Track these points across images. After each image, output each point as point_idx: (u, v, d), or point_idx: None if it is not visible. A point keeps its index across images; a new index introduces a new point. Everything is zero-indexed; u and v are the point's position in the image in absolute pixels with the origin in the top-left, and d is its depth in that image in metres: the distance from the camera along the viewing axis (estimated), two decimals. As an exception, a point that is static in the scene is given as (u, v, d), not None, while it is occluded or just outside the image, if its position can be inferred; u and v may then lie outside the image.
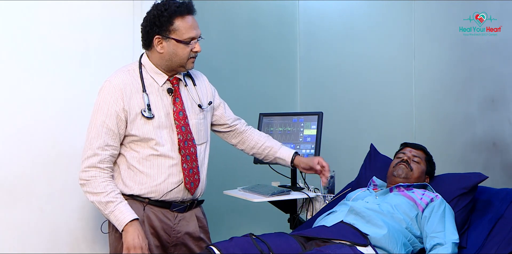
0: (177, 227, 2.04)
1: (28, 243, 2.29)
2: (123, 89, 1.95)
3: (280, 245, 1.88)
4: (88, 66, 2.45)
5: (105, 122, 1.92)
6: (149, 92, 1.99)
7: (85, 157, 1.93)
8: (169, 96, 2.02)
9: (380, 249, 1.96)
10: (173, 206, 2.02)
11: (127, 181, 1.99)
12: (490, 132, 2.63)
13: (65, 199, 2.38)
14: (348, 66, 3.53)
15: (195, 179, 2.04)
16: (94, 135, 1.93)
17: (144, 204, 2.00)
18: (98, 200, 1.92)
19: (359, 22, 3.48)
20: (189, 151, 2.02)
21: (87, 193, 1.94)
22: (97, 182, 1.92)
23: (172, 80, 2.03)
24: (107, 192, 1.91)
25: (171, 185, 1.99)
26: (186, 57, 1.97)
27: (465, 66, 2.81)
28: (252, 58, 3.58)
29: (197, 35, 1.97)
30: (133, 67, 2.03)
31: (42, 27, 2.34)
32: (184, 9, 1.93)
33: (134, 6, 2.56)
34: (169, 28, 1.93)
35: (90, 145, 1.93)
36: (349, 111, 3.49)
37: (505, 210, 2.14)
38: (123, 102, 1.93)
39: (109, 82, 1.97)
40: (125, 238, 1.90)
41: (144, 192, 1.98)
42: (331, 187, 2.72)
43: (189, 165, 2.02)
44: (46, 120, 2.34)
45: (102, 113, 1.93)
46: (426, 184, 2.34)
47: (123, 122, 1.94)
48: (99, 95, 1.97)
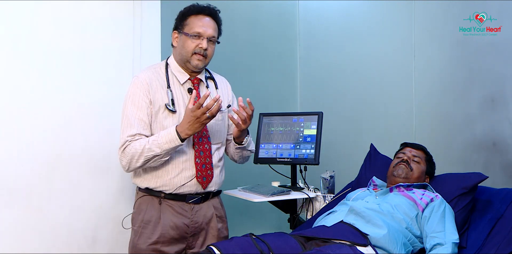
0: (194, 218, 2.11)
1: (27, 243, 2.29)
2: (150, 83, 2.07)
3: (280, 245, 1.88)
4: (88, 66, 2.46)
5: (136, 112, 2.04)
6: (172, 89, 2.11)
7: (119, 146, 2.04)
8: (189, 95, 2.12)
9: (380, 249, 1.96)
10: (188, 198, 2.10)
11: (144, 174, 2.10)
12: (490, 132, 2.63)
13: (65, 199, 2.38)
14: (348, 66, 3.53)
15: (207, 174, 2.11)
16: (126, 125, 2.04)
17: (159, 199, 2.08)
18: (148, 147, 1.97)
19: (359, 22, 3.48)
20: (203, 147, 2.11)
21: (140, 161, 1.99)
22: (134, 146, 2.00)
23: (193, 80, 2.15)
24: (145, 141, 1.99)
25: (184, 179, 2.08)
26: (190, 51, 2.07)
27: (465, 66, 2.80)
28: (252, 58, 3.58)
29: (205, 33, 2.07)
30: (160, 65, 2.17)
31: (42, 27, 2.34)
32: (201, 10, 2.09)
33: (134, 6, 2.57)
34: (183, 23, 2.10)
35: (123, 135, 2.04)
36: (349, 111, 3.49)
37: (505, 210, 2.14)
38: (150, 95, 2.06)
39: (136, 77, 2.10)
40: (183, 125, 1.97)
41: (159, 185, 2.08)
42: (331, 187, 2.73)
43: (202, 160, 2.10)
44: (46, 120, 2.35)
45: (132, 104, 2.05)
46: (426, 184, 2.34)
47: (150, 113, 2.06)
48: (129, 89, 2.09)
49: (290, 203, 2.73)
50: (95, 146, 2.46)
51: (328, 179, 2.72)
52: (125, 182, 2.54)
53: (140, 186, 2.13)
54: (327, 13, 3.73)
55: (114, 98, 2.51)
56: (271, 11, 3.75)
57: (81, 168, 2.43)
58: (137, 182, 2.14)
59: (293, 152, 2.77)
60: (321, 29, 3.75)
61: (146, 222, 2.08)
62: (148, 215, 2.08)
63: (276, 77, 3.76)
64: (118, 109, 2.51)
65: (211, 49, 2.11)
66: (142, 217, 2.09)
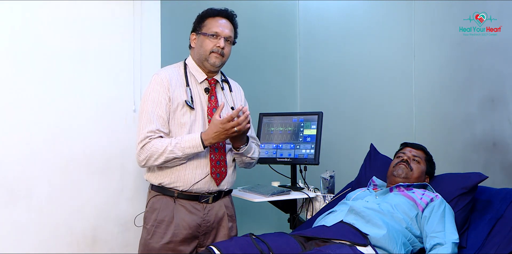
0: (206, 217, 2.13)
1: (27, 243, 2.29)
2: (169, 81, 2.12)
3: (280, 245, 1.88)
4: (88, 66, 2.45)
5: (155, 109, 2.07)
6: (191, 88, 2.16)
7: (138, 142, 2.06)
8: (205, 94, 2.18)
9: (380, 249, 1.96)
10: (200, 197, 2.13)
11: (158, 170, 2.12)
12: (490, 132, 2.63)
13: (64, 199, 2.38)
14: (348, 66, 3.53)
15: (221, 171, 2.14)
16: (145, 121, 2.06)
17: (173, 198, 2.10)
18: (171, 149, 2.01)
19: (359, 22, 3.48)
20: (218, 144, 2.14)
21: (159, 160, 2.03)
22: (155, 145, 2.02)
23: (210, 81, 2.21)
24: (168, 142, 2.03)
25: (198, 176, 2.10)
26: (209, 50, 2.14)
27: (465, 66, 2.80)
28: (252, 58, 3.58)
29: (222, 33, 2.14)
30: (179, 65, 2.23)
31: (41, 27, 2.34)
32: (219, 13, 2.18)
33: (134, 6, 2.56)
34: (201, 25, 2.18)
35: (141, 130, 2.06)
36: (349, 111, 3.49)
37: (505, 210, 2.14)
38: (169, 92, 2.10)
39: (157, 75, 2.14)
40: (209, 133, 2.03)
41: (172, 181, 2.10)
42: (331, 186, 2.73)
43: (216, 157, 2.14)
44: (44, 120, 2.34)
45: (152, 101, 2.08)
46: (426, 184, 2.34)
47: (169, 110, 2.09)
48: (148, 86, 2.13)
49: (290, 203, 2.73)
50: (94, 146, 2.46)
51: (328, 179, 2.72)
52: (125, 182, 2.54)
53: (153, 183, 2.15)
54: (327, 13, 3.73)
55: (114, 98, 2.51)
56: (271, 11, 3.76)
57: (81, 168, 2.43)
58: (150, 179, 2.16)
59: (293, 152, 2.77)
60: (321, 29, 3.75)
61: (159, 221, 2.10)
62: (162, 215, 2.10)
63: (276, 77, 3.77)
64: (118, 109, 2.53)
65: (228, 49, 2.18)
66: (155, 216, 2.11)
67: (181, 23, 2.76)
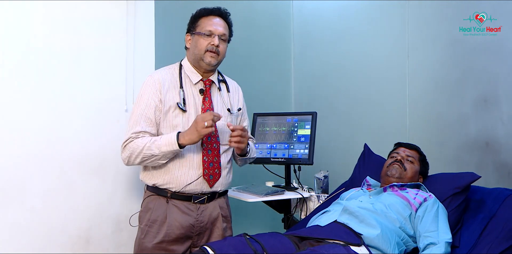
0: (200, 218, 2.13)
1: (21, 244, 2.28)
2: (162, 83, 2.12)
3: (274, 245, 1.88)
4: (81, 66, 2.45)
5: (144, 111, 2.08)
6: (184, 90, 2.16)
7: (123, 141, 2.09)
8: (200, 96, 2.17)
9: (373, 248, 1.96)
10: (194, 198, 2.13)
11: (152, 170, 2.13)
12: (483, 132, 2.64)
13: (58, 199, 2.38)
14: (342, 65, 3.53)
15: (214, 173, 2.13)
16: (133, 122, 2.09)
17: (167, 198, 2.11)
18: (148, 146, 2.02)
19: (353, 22, 3.49)
20: (212, 146, 2.14)
21: (138, 157, 2.05)
22: (137, 143, 2.05)
23: (205, 81, 2.20)
24: (148, 140, 2.04)
25: (190, 178, 2.10)
26: (203, 49, 2.13)
27: (459, 66, 2.81)
28: (246, 57, 3.58)
29: (216, 31, 2.14)
30: (174, 66, 2.23)
31: (34, 27, 2.33)
32: (211, 11, 2.17)
33: (128, 6, 2.56)
34: (195, 25, 2.18)
35: (128, 132, 2.09)
36: (343, 111, 3.49)
37: (498, 210, 2.15)
38: (161, 94, 2.10)
39: (150, 76, 2.15)
40: (189, 132, 2.02)
41: (165, 182, 2.11)
42: (325, 186, 2.73)
43: (209, 158, 2.13)
44: (38, 120, 2.33)
45: (142, 102, 2.10)
46: (419, 184, 2.35)
47: (160, 112, 2.10)
48: (141, 88, 2.14)
49: (284, 203, 2.73)
50: (89, 146, 2.46)
51: (322, 179, 2.72)
52: (119, 183, 2.54)
53: (147, 183, 2.16)
54: (321, 12, 3.74)
55: (108, 98, 2.51)
56: (265, 10, 3.76)
57: (75, 168, 2.42)
58: (145, 179, 2.17)
59: (287, 152, 2.78)
60: (315, 29, 3.76)
61: (152, 221, 2.11)
62: (155, 215, 2.11)
63: (270, 76, 3.77)
64: (112, 109, 2.53)
65: (223, 47, 2.16)
66: (149, 216, 2.12)
67: (175, 24, 2.76)
